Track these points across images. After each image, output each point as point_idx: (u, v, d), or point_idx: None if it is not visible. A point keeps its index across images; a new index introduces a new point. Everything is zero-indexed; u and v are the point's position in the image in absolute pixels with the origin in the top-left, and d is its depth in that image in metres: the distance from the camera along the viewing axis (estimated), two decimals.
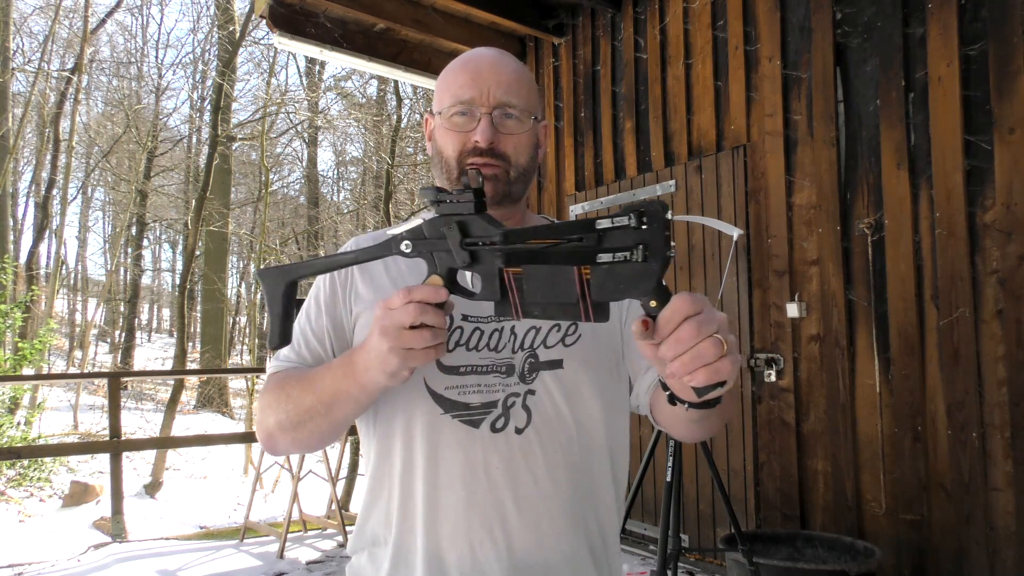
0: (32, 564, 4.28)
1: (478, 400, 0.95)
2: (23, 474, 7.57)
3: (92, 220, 23.97)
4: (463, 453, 0.94)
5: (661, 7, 4.15)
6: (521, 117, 1.00)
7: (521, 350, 0.98)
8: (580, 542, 0.97)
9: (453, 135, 0.99)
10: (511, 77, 1.00)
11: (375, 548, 1.00)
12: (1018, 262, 2.70)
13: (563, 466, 0.96)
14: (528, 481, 0.94)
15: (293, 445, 0.97)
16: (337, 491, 4.91)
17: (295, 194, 18.98)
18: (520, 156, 1.00)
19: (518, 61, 1.05)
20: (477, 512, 0.93)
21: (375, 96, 13.94)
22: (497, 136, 0.98)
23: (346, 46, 4.63)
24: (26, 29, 15.61)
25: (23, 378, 8.18)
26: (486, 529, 0.93)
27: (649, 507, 4.11)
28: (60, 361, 17.24)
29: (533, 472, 0.94)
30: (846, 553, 2.98)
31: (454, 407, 0.95)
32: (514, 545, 0.93)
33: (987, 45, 2.80)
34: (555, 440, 0.96)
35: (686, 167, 3.96)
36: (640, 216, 0.66)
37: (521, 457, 0.94)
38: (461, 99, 0.98)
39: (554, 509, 0.95)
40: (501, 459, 0.94)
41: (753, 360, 3.57)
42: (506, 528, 0.93)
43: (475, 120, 0.98)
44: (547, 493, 0.95)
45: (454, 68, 1.02)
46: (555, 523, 0.95)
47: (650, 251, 0.66)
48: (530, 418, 0.95)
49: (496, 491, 0.93)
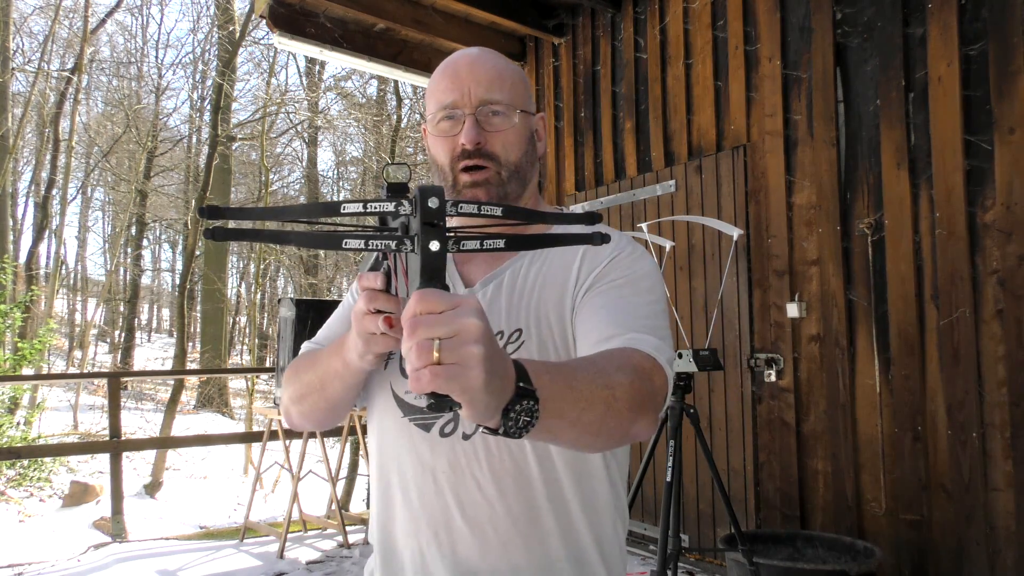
0: (32, 564, 4.28)
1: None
2: (23, 474, 7.58)
3: (92, 220, 24.00)
4: (416, 456, 0.97)
5: (661, 7, 4.15)
6: (506, 112, 0.97)
7: None
8: (535, 555, 0.93)
9: (442, 141, 0.98)
10: (491, 73, 0.98)
11: (372, 546, 1.06)
12: (1018, 262, 2.70)
13: (511, 474, 0.93)
14: (472, 487, 0.93)
15: (301, 418, 1.02)
16: (337, 491, 4.91)
17: (295, 194, 18.97)
18: (510, 153, 0.98)
19: (501, 56, 1.02)
20: (425, 515, 0.95)
21: (375, 96, 13.94)
22: (483, 135, 0.96)
23: (346, 46, 4.63)
24: (26, 29, 15.62)
25: (23, 378, 8.18)
26: (432, 531, 0.94)
27: (649, 507, 4.11)
28: (60, 361, 17.25)
29: (477, 478, 0.93)
30: (846, 553, 2.98)
31: (411, 411, 0.98)
32: (458, 550, 0.93)
33: (987, 45, 2.80)
34: (504, 448, 0.93)
35: (686, 167, 3.96)
36: (401, 197, 0.67)
37: (466, 462, 0.94)
38: (444, 104, 0.97)
39: (500, 518, 0.92)
40: (448, 463, 0.94)
41: (753, 360, 3.57)
42: (451, 532, 0.93)
43: (460, 123, 0.97)
44: (492, 500, 0.92)
45: (436, 74, 1.01)
46: (501, 532, 0.92)
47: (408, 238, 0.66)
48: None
49: (442, 495, 0.94)
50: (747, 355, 3.59)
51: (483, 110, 0.96)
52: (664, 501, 2.67)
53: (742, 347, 3.62)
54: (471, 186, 0.96)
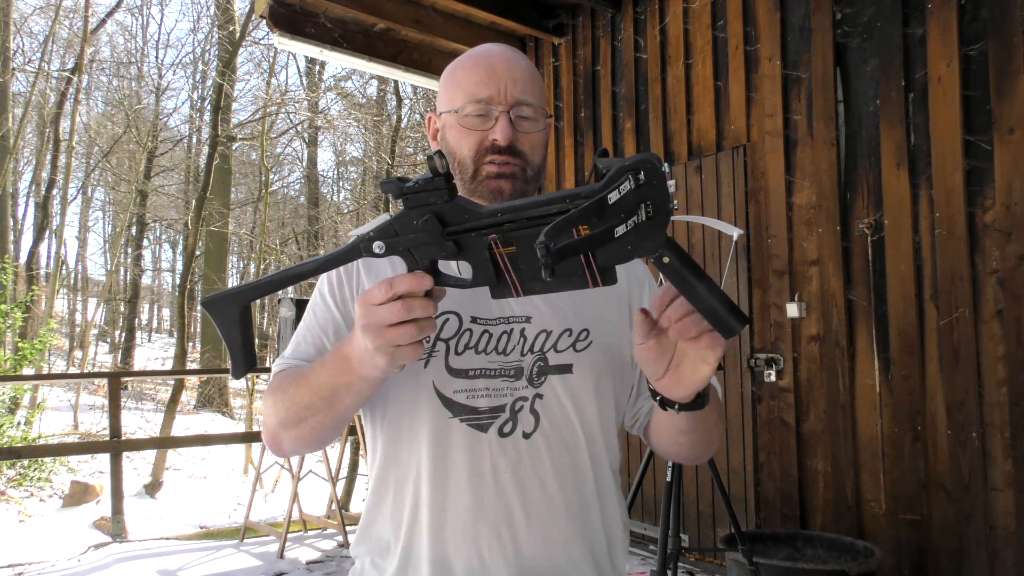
0: (32, 564, 4.28)
1: (486, 404, 0.94)
2: (23, 474, 7.57)
3: (92, 220, 23.98)
4: (470, 457, 0.93)
5: (661, 7, 4.15)
6: (536, 116, 0.99)
7: (531, 353, 0.96)
8: (586, 547, 0.96)
9: (469, 134, 0.97)
10: (526, 75, 0.98)
11: (381, 555, 0.98)
12: (1018, 262, 2.70)
13: (570, 471, 0.95)
14: (536, 486, 0.93)
15: (296, 443, 0.93)
16: (337, 491, 4.91)
17: (295, 194, 18.99)
18: (535, 155, 0.99)
19: (528, 58, 1.05)
20: (485, 517, 0.92)
21: (375, 96, 13.94)
22: (515, 135, 0.97)
23: (346, 46, 4.63)
24: (26, 29, 15.62)
25: (23, 378, 8.18)
26: (494, 534, 0.92)
27: (649, 507, 4.11)
28: (60, 361, 17.24)
29: (540, 477, 0.94)
30: (846, 553, 2.98)
31: (463, 411, 0.94)
32: (522, 550, 0.92)
33: (987, 45, 2.80)
34: (563, 445, 0.95)
35: (686, 167, 3.96)
36: (638, 175, 0.63)
37: (529, 462, 0.93)
38: (478, 97, 0.96)
39: (561, 514, 0.94)
40: (509, 464, 0.93)
41: (753, 360, 3.56)
42: (514, 533, 0.92)
43: (492, 119, 0.96)
44: (554, 498, 0.94)
45: (466, 65, 1.00)
46: (562, 528, 0.94)
47: (653, 208, 0.64)
48: (538, 422, 0.95)
49: (504, 496, 0.92)
50: (747, 355, 3.59)
51: (516, 110, 0.97)
52: (664, 501, 2.67)
53: (742, 347, 3.62)
54: (496, 177, 0.96)
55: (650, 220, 0.64)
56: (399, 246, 0.76)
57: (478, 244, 0.73)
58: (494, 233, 0.71)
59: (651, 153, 0.65)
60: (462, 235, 0.73)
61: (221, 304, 0.82)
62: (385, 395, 0.97)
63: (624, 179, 0.63)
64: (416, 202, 0.74)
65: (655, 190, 0.63)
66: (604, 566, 0.99)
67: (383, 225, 0.77)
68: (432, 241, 0.74)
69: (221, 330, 0.83)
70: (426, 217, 0.74)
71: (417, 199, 0.74)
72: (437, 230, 0.74)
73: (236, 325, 0.83)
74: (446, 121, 1.00)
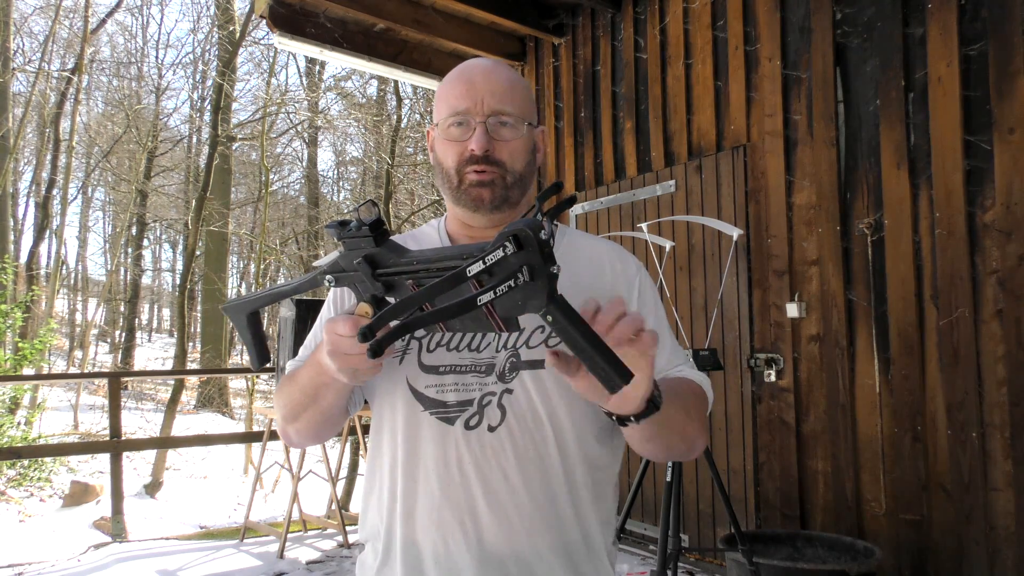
0: (32, 564, 4.28)
1: (454, 398, 1.00)
2: (23, 474, 7.57)
3: (92, 220, 23.99)
4: (438, 449, 0.99)
5: (661, 7, 4.15)
6: (515, 124, 1.02)
7: (504, 349, 1.01)
8: (554, 539, 0.99)
9: (451, 145, 1.02)
10: (504, 86, 1.03)
11: (374, 539, 1.06)
12: (1018, 262, 2.70)
13: (536, 464, 0.99)
14: (498, 477, 0.98)
15: (300, 435, 1.05)
16: (337, 491, 4.91)
17: (295, 194, 18.98)
18: (516, 162, 1.03)
19: (512, 69, 1.08)
20: (449, 505, 0.98)
21: (375, 96, 13.93)
22: (492, 143, 1.01)
23: (346, 46, 4.63)
24: (26, 29, 15.62)
25: (23, 378, 8.18)
26: (457, 522, 0.97)
27: (649, 507, 4.11)
28: (60, 361, 17.25)
29: (503, 469, 0.98)
30: (846, 553, 2.98)
31: (432, 404, 1.01)
32: (484, 538, 0.97)
33: (987, 45, 2.80)
34: (529, 438, 0.99)
35: (686, 167, 3.96)
36: (516, 242, 0.69)
37: (492, 454, 0.98)
38: (456, 110, 1.01)
39: (525, 505, 0.98)
40: (472, 455, 0.98)
41: (753, 360, 3.56)
42: (476, 521, 0.97)
43: (471, 130, 1.01)
44: (517, 490, 0.98)
45: (450, 80, 1.05)
46: (526, 519, 0.98)
47: (531, 272, 0.69)
48: (504, 416, 0.99)
49: (468, 486, 0.98)
50: (747, 355, 3.59)
51: (493, 120, 1.01)
52: (664, 501, 2.67)
53: (742, 347, 3.62)
54: (477, 185, 1.02)
55: (531, 282, 0.69)
56: (344, 281, 0.90)
57: (404, 285, 0.83)
58: (410, 279, 0.82)
59: (532, 220, 0.70)
60: (391, 278, 0.84)
61: (232, 311, 1.03)
62: (372, 389, 1.07)
63: (501, 246, 0.69)
64: (351, 246, 0.86)
65: (531, 256, 0.69)
66: (579, 559, 1.01)
67: (333, 262, 0.90)
68: (366, 279, 0.86)
69: (237, 330, 1.04)
70: (358, 261, 0.85)
71: (352, 243, 0.86)
72: (367, 272, 0.85)
73: (246, 327, 1.02)
74: (436, 134, 1.06)
